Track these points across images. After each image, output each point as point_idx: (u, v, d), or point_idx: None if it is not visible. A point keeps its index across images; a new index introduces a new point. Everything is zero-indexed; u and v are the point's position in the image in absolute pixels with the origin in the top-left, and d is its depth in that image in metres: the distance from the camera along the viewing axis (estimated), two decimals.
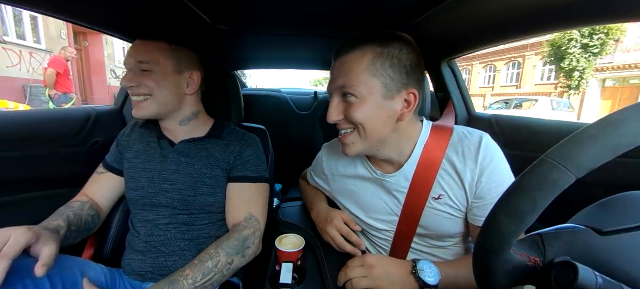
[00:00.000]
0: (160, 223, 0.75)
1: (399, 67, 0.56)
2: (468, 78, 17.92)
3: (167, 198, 0.75)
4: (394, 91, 0.57)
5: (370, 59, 0.56)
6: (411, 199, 0.64)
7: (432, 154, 0.62)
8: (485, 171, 0.58)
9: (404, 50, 0.57)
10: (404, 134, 0.63)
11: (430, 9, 0.69)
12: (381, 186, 0.69)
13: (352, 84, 0.56)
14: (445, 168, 0.61)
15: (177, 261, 0.73)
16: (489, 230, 0.32)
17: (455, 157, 0.61)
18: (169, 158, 0.77)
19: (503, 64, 16.38)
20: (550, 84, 14.28)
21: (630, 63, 11.78)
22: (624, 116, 0.27)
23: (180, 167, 0.76)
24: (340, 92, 0.60)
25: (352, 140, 0.61)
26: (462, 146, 0.61)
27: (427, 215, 0.63)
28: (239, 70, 1.99)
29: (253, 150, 0.82)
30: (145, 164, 0.78)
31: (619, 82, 12.53)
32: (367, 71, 0.56)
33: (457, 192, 0.61)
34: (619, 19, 0.62)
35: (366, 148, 0.62)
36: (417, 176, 0.63)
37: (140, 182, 0.76)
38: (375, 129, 0.59)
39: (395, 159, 0.65)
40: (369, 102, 0.57)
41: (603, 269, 0.29)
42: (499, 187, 0.57)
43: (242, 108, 1.01)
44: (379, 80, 0.56)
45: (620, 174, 0.70)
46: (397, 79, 0.56)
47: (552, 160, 0.28)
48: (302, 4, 0.73)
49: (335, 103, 0.61)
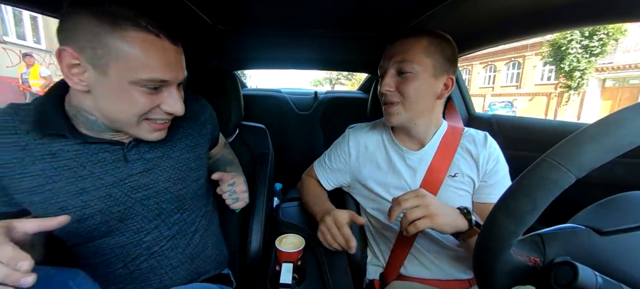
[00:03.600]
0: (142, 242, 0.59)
1: (444, 55, 0.69)
2: (468, 78, 17.92)
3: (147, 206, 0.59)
4: (438, 73, 0.69)
5: (426, 43, 0.68)
6: (430, 175, 0.74)
7: (450, 139, 0.76)
8: (492, 156, 0.72)
9: (447, 44, 0.70)
10: (433, 116, 0.75)
11: (430, 9, 0.70)
12: (403, 161, 0.77)
13: (410, 60, 0.67)
14: (460, 152, 0.74)
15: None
16: (489, 230, 0.32)
17: (468, 144, 0.75)
18: (127, 161, 0.57)
19: (503, 64, 16.38)
20: (550, 84, 14.29)
21: (630, 63, 11.79)
22: (624, 116, 0.27)
23: (150, 165, 0.59)
24: (396, 68, 0.70)
25: (397, 110, 0.71)
26: (473, 138, 0.75)
27: (442, 191, 0.72)
28: (239, 70, 1.99)
29: (212, 110, 0.77)
30: (80, 181, 0.52)
31: (619, 82, 12.54)
32: (423, 52, 0.67)
33: (471, 170, 0.73)
34: (619, 19, 0.62)
35: (407, 118, 0.72)
36: (438, 154, 0.75)
37: (89, 208, 0.52)
38: (419, 102, 0.70)
39: (422, 137, 0.76)
40: (420, 78, 0.68)
41: (603, 269, 0.29)
42: (501, 170, 0.72)
43: (242, 108, 1.01)
44: (431, 60, 0.68)
45: (620, 174, 0.70)
46: (443, 63, 0.69)
47: (552, 160, 0.28)
48: (302, 4, 0.73)
49: (390, 76, 0.71)
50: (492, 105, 14.50)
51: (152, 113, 0.52)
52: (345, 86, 20.32)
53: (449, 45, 0.70)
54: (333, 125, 1.73)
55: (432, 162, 0.74)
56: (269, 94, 1.77)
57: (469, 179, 0.73)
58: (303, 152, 1.70)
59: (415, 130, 0.75)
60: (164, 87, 0.51)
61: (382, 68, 0.74)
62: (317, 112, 1.73)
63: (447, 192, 0.72)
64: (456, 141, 0.75)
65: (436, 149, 0.75)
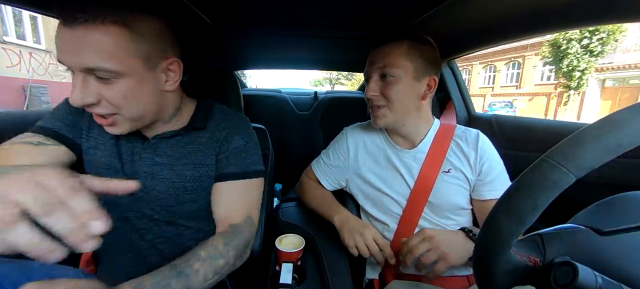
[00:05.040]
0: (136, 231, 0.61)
1: (424, 57, 0.71)
2: (468, 78, 17.92)
3: (138, 209, 0.60)
4: (420, 75, 0.72)
5: (406, 47, 0.71)
6: (424, 172, 0.76)
7: (442, 137, 0.78)
8: (484, 155, 0.74)
9: (428, 46, 0.73)
10: (422, 115, 0.78)
11: (430, 9, 0.70)
12: (399, 159, 0.80)
13: (391, 65, 0.70)
14: (452, 149, 0.77)
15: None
16: (489, 230, 0.32)
17: (460, 141, 0.77)
18: (141, 157, 0.60)
19: (503, 64, 16.38)
20: (550, 84, 14.29)
21: (629, 63, 11.79)
22: (624, 116, 0.27)
23: (155, 169, 0.60)
24: (379, 73, 0.73)
25: (383, 113, 0.74)
26: (464, 136, 0.78)
27: (437, 186, 0.75)
28: (239, 71, 1.99)
29: (243, 138, 0.66)
30: (107, 159, 0.60)
31: (619, 82, 12.54)
32: (404, 56, 0.70)
33: (463, 167, 0.75)
34: (619, 19, 0.62)
35: (393, 120, 0.75)
36: (431, 152, 0.77)
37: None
38: (403, 104, 0.73)
39: (413, 136, 0.79)
40: (402, 81, 0.71)
41: (603, 269, 0.29)
42: (496, 167, 0.74)
43: (242, 108, 1.01)
44: (412, 64, 0.70)
45: (620, 174, 0.70)
46: (423, 65, 0.72)
47: (552, 160, 0.28)
48: (302, 4, 0.73)
49: (374, 81, 0.74)
50: (492, 105, 14.50)
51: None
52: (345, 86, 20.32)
53: (429, 48, 0.73)
54: (333, 125, 1.72)
55: (426, 159, 0.77)
56: (269, 94, 1.77)
57: (462, 174, 0.75)
58: (303, 152, 1.69)
59: (404, 130, 0.79)
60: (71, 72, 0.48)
61: (367, 74, 0.77)
62: (317, 113, 1.73)
63: (442, 187, 0.75)
64: (448, 138, 0.78)
65: (429, 147, 0.78)
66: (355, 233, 0.70)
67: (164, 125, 0.62)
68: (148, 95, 0.53)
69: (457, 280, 0.74)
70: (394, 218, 0.78)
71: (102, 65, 0.45)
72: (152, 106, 0.55)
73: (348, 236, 0.71)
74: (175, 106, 0.62)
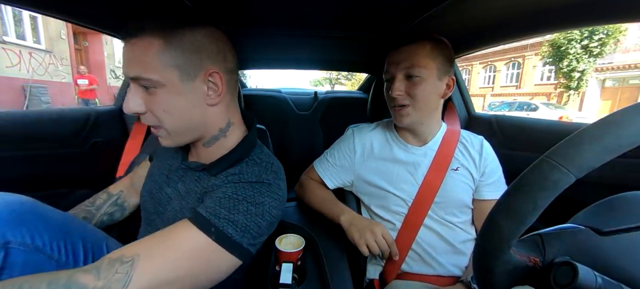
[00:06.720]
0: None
1: (445, 57, 0.75)
2: (468, 78, 17.92)
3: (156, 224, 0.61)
4: (442, 74, 0.75)
5: (429, 48, 0.74)
6: (433, 170, 0.79)
7: (450, 137, 0.82)
8: (488, 158, 0.79)
9: (445, 46, 0.76)
10: (437, 116, 0.82)
11: (430, 9, 0.70)
12: (408, 156, 0.82)
13: (418, 65, 0.73)
14: (460, 149, 0.81)
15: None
16: (489, 230, 0.32)
17: (466, 143, 0.82)
18: (170, 178, 0.62)
19: (503, 64, 16.38)
20: (550, 84, 14.28)
21: (629, 63, 11.78)
22: (624, 116, 0.27)
23: (174, 196, 0.59)
24: (405, 73, 0.75)
25: (407, 112, 0.76)
26: (470, 139, 0.83)
27: (446, 182, 0.77)
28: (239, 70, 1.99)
29: (244, 195, 0.51)
30: (153, 169, 0.68)
31: (619, 82, 12.54)
32: (428, 56, 0.73)
33: (470, 166, 0.79)
34: (619, 19, 0.62)
35: (417, 119, 0.78)
36: (440, 150, 0.80)
37: (145, 187, 0.66)
38: (427, 103, 0.76)
39: (426, 134, 0.82)
40: (428, 80, 0.73)
41: (602, 269, 0.29)
42: (498, 171, 0.80)
43: (242, 108, 1.01)
44: (435, 63, 0.73)
45: (620, 174, 0.70)
46: (445, 64, 0.75)
47: (552, 160, 0.28)
48: (303, 4, 0.73)
49: (399, 80, 0.75)
50: (492, 105, 14.50)
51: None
52: (345, 86, 20.32)
53: (447, 47, 0.76)
54: (333, 125, 1.73)
55: (435, 157, 0.80)
56: (269, 94, 1.77)
57: (469, 173, 0.78)
58: (303, 152, 1.69)
59: (421, 129, 0.81)
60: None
61: (389, 73, 0.78)
62: (317, 112, 1.74)
63: (451, 183, 0.77)
64: (455, 140, 0.82)
65: (438, 145, 0.81)
66: (365, 231, 0.70)
67: (205, 148, 0.59)
68: (186, 107, 0.52)
69: (457, 279, 0.74)
70: (399, 217, 0.79)
71: (142, 75, 0.49)
72: (192, 121, 0.54)
73: (358, 234, 0.70)
74: (219, 127, 0.58)
